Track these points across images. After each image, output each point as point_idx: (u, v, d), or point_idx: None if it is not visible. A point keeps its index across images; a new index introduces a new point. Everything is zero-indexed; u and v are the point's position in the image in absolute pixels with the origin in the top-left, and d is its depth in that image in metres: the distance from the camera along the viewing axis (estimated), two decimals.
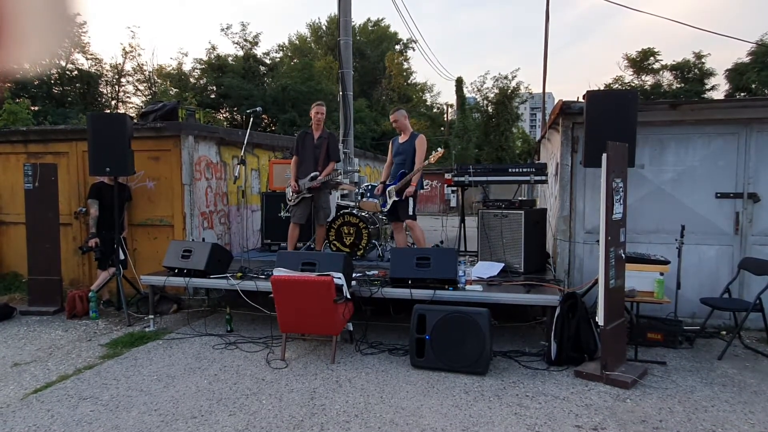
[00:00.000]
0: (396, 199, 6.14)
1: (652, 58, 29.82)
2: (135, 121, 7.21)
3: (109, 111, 26.10)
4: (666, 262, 4.99)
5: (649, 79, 30.16)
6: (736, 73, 27.68)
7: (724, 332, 5.38)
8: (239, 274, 5.57)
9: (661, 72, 30.06)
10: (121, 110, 27.38)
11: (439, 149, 6.26)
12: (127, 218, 6.98)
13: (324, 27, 38.89)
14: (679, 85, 29.35)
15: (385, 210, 6.35)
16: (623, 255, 4.51)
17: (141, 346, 5.20)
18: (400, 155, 6.26)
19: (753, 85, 26.88)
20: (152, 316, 5.86)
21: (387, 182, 6.39)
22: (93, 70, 27.14)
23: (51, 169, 6.69)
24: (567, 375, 4.40)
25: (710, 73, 29.03)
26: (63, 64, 26.15)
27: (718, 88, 29.15)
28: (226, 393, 4.05)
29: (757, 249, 5.57)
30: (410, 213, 6.17)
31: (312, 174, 6.44)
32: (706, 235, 5.70)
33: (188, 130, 6.98)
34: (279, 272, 4.86)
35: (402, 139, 6.34)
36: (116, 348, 5.13)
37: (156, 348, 5.17)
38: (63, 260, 6.83)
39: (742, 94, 27.25)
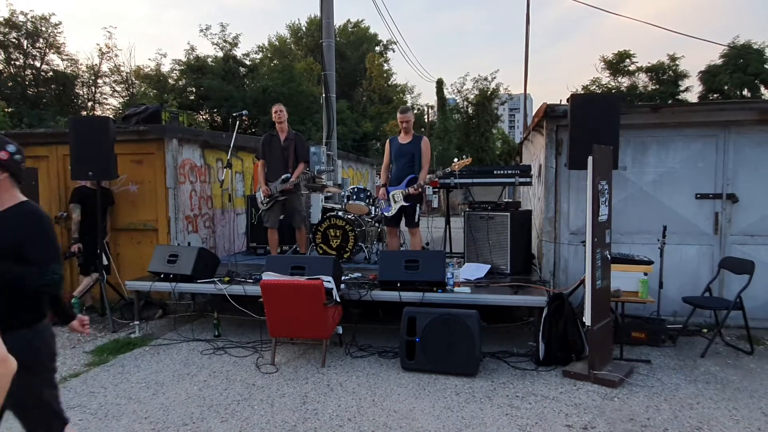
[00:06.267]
0: (404, 204, 5.99)
1: (627, 60, 30.27)
2: (117, 123, 7.10)
3: (85, 113, 25.67)
4: (650, 263, 5.10)
5: (625, 81, 30.60)
6: (709, 75, 28.25)
7: (705, 330, 5.51)
8: (227, 279, 5.53)
9: (636, 74, 30.55)
10: (98, 112, 26.90)
11: (464, 157, 6.11)
12: (109, 223, 6.88)
13: (304, 28, 38.67)
14: (654, 87, 29.85)
15: (389, 215, 6.12)
16: (609, 256, 4.59)
17: (127, 353, 5.14)
18: (404, 157, 6.03)
19: (725, 87, 27.47)
20: (137, 322, 5.78)
21: (388, 185, 6.19)
22: (69, 71, 26.62)
23: (31, 174, 6.56)
24: (555, 375, 4.46)
25: (684, 75, 29.57)
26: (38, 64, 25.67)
27: (692, 89, 29.74)
28: (216, 399, 4.02)
29: (736, 248, 5.71)
30: (416, 220, 6.10)
31: (283, 176, 6.40)
32: (687, 235, 5.83)
33: (172, 133, 6.91)
34: (268, 276, 4.84)
35: (404, 140, 6.09)
36: (102, 355, 5.06)
37: (143, 354, 5.11)
38: None
39: (715, 95, 27.84)
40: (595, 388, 4.17)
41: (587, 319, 4.31)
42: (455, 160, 6.04)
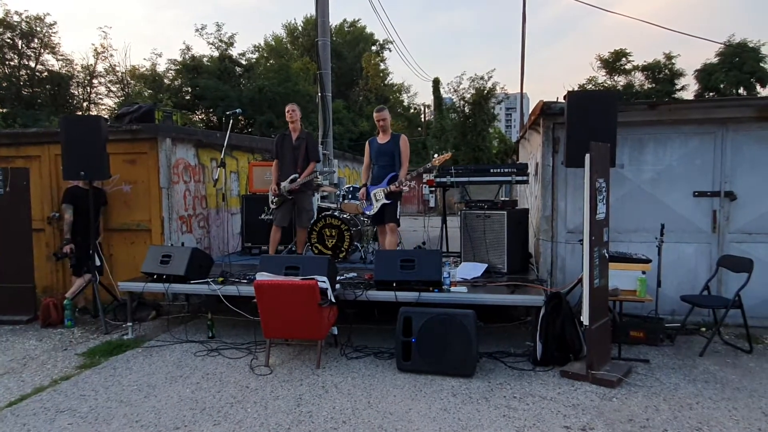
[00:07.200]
0: (386, 202, 6.02)
1: (624, 59, 30.28)
2: (109, 123, 7.03)
3: (80, 113, 25.50)
4: (648, 261, 5.05)
5: (621, 80, 30.61)
6: (705, 74, 28.31)
7: (703, 329, 5.46)
8: (221, 279, 5.46)
9: (632, 72, 30.57)
10: (94, 112, 26.73)
11: (444, 152, 6.12)
12: (102, 223, 6.81)
13: (300, 28, 38.57)
14: (650, 86, 29.87)
15: (371, 213, 6.19)
16: (607, 254, 4.54)
17: (119, 355, 5.06)
18: (384, 156, 6.09)
19: (721, 85, 27.51)
20: (130, 324, 5.70)
21: (369, 185, 6.26)
22: (64, 71, 26.47)
23: (23, 174, 6.49)
24: (553, 375, 4.41)
25: (680, 74, 29.60)
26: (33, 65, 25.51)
27: (688, 88, 29.78)
28: (209, 402, 3.96)
29: (734, 246, 5.67)
30: (397, 216, 6.11)
31: (292, 176, 6.37)
32: (685, 233, 5.79)
33: (165, 132, 6.84)
34: (262, 276, 4.78)
35: (382, 139, 6.15)
36: (94, 357, 4.99)
37: (135, 356, 5.03)
38: (36, 267, 6.62)
39: (711, 94, 27.87)
40: (593, 389, 4.12)
41: (585, 319, 4.25)
42: (435, 155, 6.03)
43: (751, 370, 4.50)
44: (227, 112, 6.31)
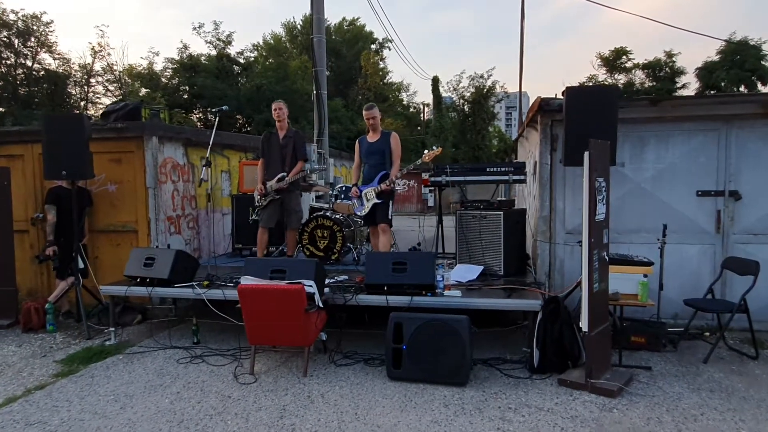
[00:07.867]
0: (377, 201, 5.85)
1: (624, 57, 30.03)
2: (95, 121, 6.84)
3: (78, 112, 25.30)
4: (650, 263, 4.84)
5: (621, 78, 30.36)
6: (706, 71, 28.03)
7: (707, 333, 5.27)
8: (206, 283, 5.26)
9: (633, 71, 30.32)
10: (91, 111, 26.51)
11: (435, 147, 5.95)
12: (87, 224, 6.61)
13: (299, 26, 38.30)
14: (650, 84, 29.63)
15: (362, 213, 6.01)
16: (607, 257, 4.34)
17: (99, 362, 4.86)
18: (375, 155, 5.91)
19: (722, 83, 27.25)
20: (113, 329, 5.50)
21: (360, 184, 6.07)
22: (61, 71, 26.25)
23: (4, 173, 6.29)
24: (550, 384, 4.21)
25: (681, 72, 29.36)
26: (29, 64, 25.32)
27: (689, 86, 29.53)
28: (188, 413, 3.76)
29: (738, 248, 5.47)
30: (389, 217, 5.92)
31: (279, 175, 6.17)
32: (688, 234, 5.59)
33: (152, 130, 6.63)
34: (246, 280, 4.57)
35: (372, 138, 5.98)
36: (72, 365, 4.79)
37: (115, 363, 4.83)
38: (19, 269, 6.43)
39: (712, 92, 27.61)
40: (592, 398, 3.92)
41: (584, 324, 4.05)
42: (425, 151, 5.86)
43: (757, 378, 4.30)
44: (214, 110, 6.11)
